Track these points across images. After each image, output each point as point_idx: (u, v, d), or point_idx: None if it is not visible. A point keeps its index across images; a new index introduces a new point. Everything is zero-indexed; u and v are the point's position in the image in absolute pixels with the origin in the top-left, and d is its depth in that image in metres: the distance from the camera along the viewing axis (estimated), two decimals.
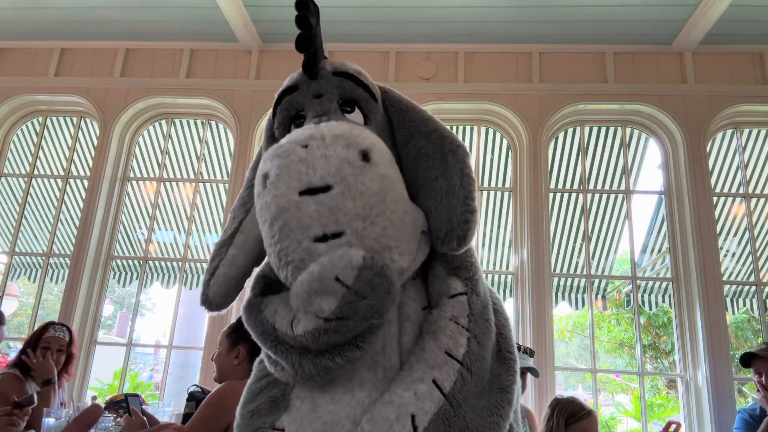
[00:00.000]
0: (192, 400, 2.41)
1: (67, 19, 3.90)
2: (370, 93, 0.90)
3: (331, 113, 0.87)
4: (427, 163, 0.84)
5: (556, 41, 3.78)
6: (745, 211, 3.83)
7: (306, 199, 0.70)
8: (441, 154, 0.83)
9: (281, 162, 0.72)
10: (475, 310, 0.82)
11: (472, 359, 0.77)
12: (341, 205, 0.70)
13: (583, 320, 11.46)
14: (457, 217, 0.77)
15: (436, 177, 0.82)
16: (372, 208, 0.71)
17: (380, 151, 0.77)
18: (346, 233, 0.70)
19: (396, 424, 0.70)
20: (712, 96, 3.66)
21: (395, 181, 0.77)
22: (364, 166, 0.72)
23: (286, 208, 0.71)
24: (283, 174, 0.71)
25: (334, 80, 0.88)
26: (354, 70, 0.91)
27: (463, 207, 0.77)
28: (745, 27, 3.54)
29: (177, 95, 4.00)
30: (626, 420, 8.59)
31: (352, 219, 0.70)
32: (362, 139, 0.75)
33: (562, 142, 3.93)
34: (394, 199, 0.74)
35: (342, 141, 0.73)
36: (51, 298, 13.05)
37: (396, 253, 0.75)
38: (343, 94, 0.89)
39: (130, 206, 4.21)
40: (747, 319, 9.12)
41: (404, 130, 0.89)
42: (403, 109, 0.91)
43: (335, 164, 0.71)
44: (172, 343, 3.96)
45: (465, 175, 0.80)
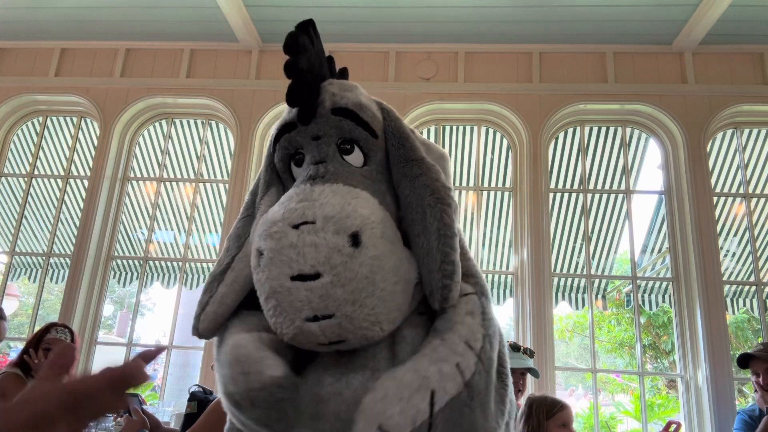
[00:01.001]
0: (193, 399, 2.41)
1: (67, 19, 3.90)
2: (370, 131, 0.89)
3: (329, 160, 0.87)
4: (412, 214, 0.84)
5: (556, 41, 3.78)
6: (745, 211, 3.83)
7: (297, 285, 0.73)
8: (421, 208, 0.83)
9: (273, 245, 0.75)
10: (486, 311, 0.83)
11: (484, 357, 0.78)
12: (330, 293, 0.72)
13: (583, 320, 11.46)
14: (435, 282, 0.78)
15: (418, 234, 0.82)
16: (361, 292, 0.73)
17: (371, 229, 0.76)
18: (336, 316, 0.73)
19: (417, 395, 0.70)
20: (712, 96, 3.66)
21: (386, 256, 0.77)
22: (353, 252, 0.74)
23: (278, 291, 0.74)
24: (275, 258, 0.74)
25: (332, 120, 0.88)
26: (354, 105, 0.89)
27: (440, 272, 0.78)
28: (745, 27, 3.55)
29: (177, 95, 4.00)
30: (626, 420, 8.60)
31: (342, 304, 0.73)
32: (353, 219, 0.75)
33: (562, 142, 3.94)
34: (384, 277, 0.76)
35: (332, 226, 0.74)
36: (51, 298, 13.05)
37: (386, 323, 0.77)
38: (342, 135, 0.89)
39: (131, 206, 4.21)
40: (747, 319, 9.12)
41: (395, 171, 0.89)
42: (396, 144, 0.90)
43: (324, 253, 0.73)
44: (173, 343, 3.96)
45: (441, 236, 0.79)
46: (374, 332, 0.76)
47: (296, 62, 0.84)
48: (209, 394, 2.50)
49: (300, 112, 0.88)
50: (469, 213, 4.02)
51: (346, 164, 0.88)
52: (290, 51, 0.84)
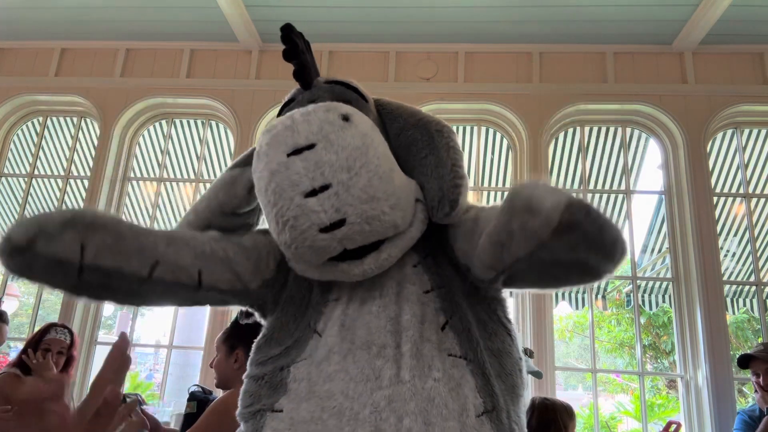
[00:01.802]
0: (193, 399, 2.41)
1: (67, 19, 3.90)
2: (360, 94, 0.98)
3: None
4: (416, 145, 0.91)
5: (556, 41, 3.78)
6: (745, 211, 3.83)
7: (293, 158, 0.76)
8: (428, 135, 0.91)
9: (270, 135, 0.79)
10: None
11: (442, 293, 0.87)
12: (325, 159, 0.75)
13: (584, 320, 11.46)
14: (446, 183, 0.84)
15: (425, 155, 0.89)
16: (355, 160, 0.76)
17: (360, 116, 0.82)
18: (332, 185, 0.74)
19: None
20: (712, 96, 3.66)
21: (377, 141, 0.81)
22: (344, 125, 0.78)
23: (276, 170, 0.77)
24: (272, 143, 0.78)
25: (325, 87, 0.97)
26: (344, 79, 0.99)
27: (451, 174, 0.84)
28: (745, 27, 3.55)
29: (177, 95, 4.00)
30: (626, 420, 8.59)
31: (337, 170, 0.75)
32: (342, 106, 0.82)
33: (562, 142, 3.94)
34: (377, 155, 0.79)
35: (323, 107, 0.80)
36: (51, 298, 13.03)
37: (386, 205, 0.78)
38: (334, 96, 0.95)
39: (131, 206, 4.21)
40: (747, 319, 9.12)
41: (395, 125, 0.97)
42: (393, 108, 0.99)
43: (317, 125, 0.77)
44: (172, 343, 3.96)
45: (451, 148, 0.87)
46: (374, 210, 0.76)
47: (295, 47, 0.93)
48: (209, 394, 2.50)
49: (299, 74, 0.96)
50: None
51: None
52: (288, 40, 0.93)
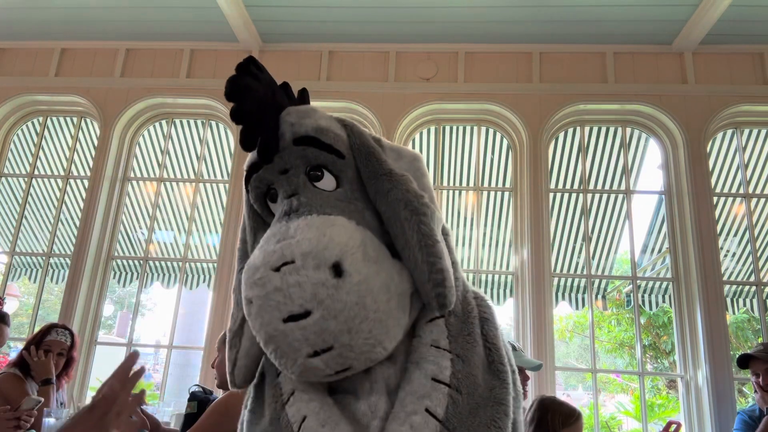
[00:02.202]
0: (193, 399, 2.41)
1: (67, 19, 3.90)
2: (335, 152, 0.89)
3: (300, 191, 0.87)
4: (393, 230, 0.84)
5: (556, 41, 3.78)
6: (746, 211, 3.83)
7: (291, 326, 0.73)
8: (399, 223, 0.83)
9: (259, 292, 0.75)
10: (453, 331, 0.84)
11: (460, 378, 0.79)
12: (324, 327, 0.73)
13: (584, 320, 11.46)
14: (428, 293, 0.79)
15: (402, 248, 0.82)
16: (354, 319, 0.74)
17: (352, 255, 0.77)
18: (335, 347, 0.74)
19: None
20: (712, 96, 3.66)
21: (372, 278, 0.77)
22: (337, 283, 0.74)
23: (274, 336, 0.75)
24: (263, 305, 0.75)
25: (296, 151, 0.88)
26: (314, 131, 0.89)
27: (430, 282, 0.78)
28: (745, 27, 3.55)
29: (177, 95, 4.00)
30: (627, 420, 8.59)
31: (338, 335, 0.73)
32: (330, 250, 0.76)
33: (562, 142, 3.93)
34: (375, 299, 0.76)
35: (311, 261, 0.74)
36: (51, 298, 13.06)
37: (387, 342, 0.78)
38: (309, 163, 0.89)
39: (131, 206, 4.21)
40: (747, 319, 9.11)
41: (369, 187, 0.89)
42: (364, 161, 0.90)
43: (309, 291, 0.73)
44: (173, 343, 3.96)
45: (423, 246, 0.79)
46: (377, 353, 0.77)
47: (240, 107, 0.85)
48: (209, 394, 2.51)
49: (260, 153, 0.88)
50: (469, 213, 4.02)
51: (318, 191, 0.87)
52: (232, 97, 0.85)
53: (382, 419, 0.78)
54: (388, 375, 0.82)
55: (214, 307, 3.60)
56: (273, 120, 0.89)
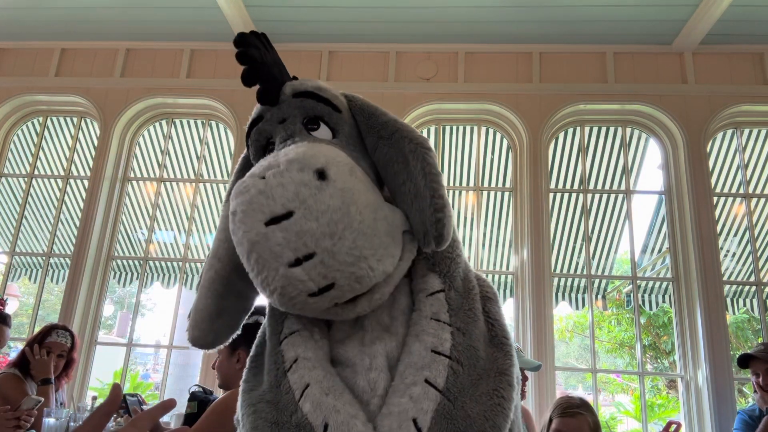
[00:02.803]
0: (194, 399, 2.41)
1: (67, 19, 3.90)
2: (332, 106, 0.91)
3: (296, 135, 0.89)
4: (393, 168, 0.85)
5: (556, 41, 3.78)
6: (746, 211, 3.83)
7: (272, 229, 0.71)
8: (403, 156, 0.84)
9: (243, 198, 0.74)
10: (453, 305, 0.84)
11: (460, 350, 0.79)
12: (306, 227, 0.71)
13: (584, 320, 11.46)
14: (428, 219, 0.78)
15: (403, 181, 0.83)
16: (337, 223, 0.72)
17: (337, 165, 0.77)
18: (317, 253, 0.71)
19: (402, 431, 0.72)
20: (712, 96, 3.66)
21: (358, 191, 0.76)
22: (321, 185, 0.73)
23: (256, 241, 0.72)
24: (247, 209, 0.73)
25: (295, 102, 0.90)
26: (313, 87, 0.92)
27: (431, 207, 0.78)
28: (745, 27, 3.55)
29: (177, 95, 4.00)
30: (627, 420, 8.60)
31: (320, 238, 0.71)
32: (316, 158, 0.76)
33: (562, 142, 3.94)
34: (360, 210, 0.74)
35: (296, 165, 0.74)
36: (51, 298, 13.06)
37: (373, 260, 0.75)
38: (306, 113, 0.90)
39: (131, 206, 4.21)
40: (747, 319, 9.12)
41: (370, 138, 0.91)
42: (366, 116, 0.92)
43: (292, 190, 0.72)
44: (173, 343, 3.96)
45: (427, 174, 0.81)
46: (362, 270, 0.74)
47: (246, 51, 0.88)
48: (209, 394, 2.50)
49: (263, 94, 0.90)
50: (469, 213, 4.02)
51: (314, 138, 0.89)
52: (239, 44, 0.87)
53: (381, 396, 0.77)
54: (389, 350, 0.81)
55: None
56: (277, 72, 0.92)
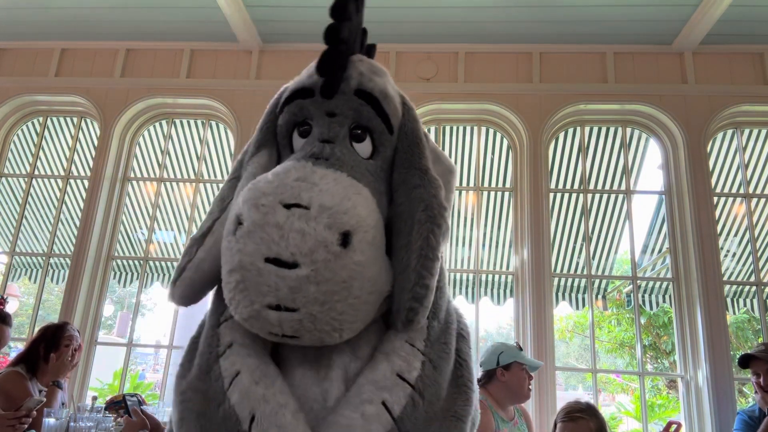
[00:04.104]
0: None
1: (67, 19, 3.90)
2: (387, 124, 0.84)
3: (338, 143, 0.81)
4: (400, 225, 0.79)
5: (556, 41, 3.78)
6: (746, 211, 3.83)
7: (270, 268, 0.67)
8: (411, 220, 0.78)
9: (257, 218, 0.68)
10: (432, 335, 0.80)
11: (426, 383, 0.75)
12: (303, 288, 0.66)
13: (584, 320, 11.46)
14: (403, 302, 0.74)
15: (401, 246, 0.77)
16: (334, 294, 0.68)
17: (364, 231, 0.71)
18: (300, 311, 0.67)
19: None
20: (713, 96, 3.66)
21: (369, 264, 0.71)
22: (339, 252, 0.67)
23: (247, 269, 0.68)
24: (255, 233, 0.68)
25: (353, 102, 0.82)
26: (380, 93, 0.83)
27: (410, 293, 0.73)
28: (745, 27, 3.54)
29: (177, 95, 4.00)
30: (627, 420, 8.59)
31: (310, 302, 0.67)
32: (349, 216, 0.69)
33: (562, 142, 3.94)
34: (362, 285, 0.70)
35: (326, 218, 0.68)
36: (51, 298, 13.06)
37: (347, 332, 0.72)
38: (358, 121, 0.83)
39: (131, 206, 4.21)
40: (747, 319, 9.12)
41: (398, 174, 0.84)
42: (406, 147, 0.85)
43: (310, 245, 0.66)
44: (173, 344, 3.96)
45: (422, 257, 0.74)
46: (332, 338, 0.72)
47: (339, 28, 0.78)
48: None
49: (325, 84, 0.82)
50: (469, 213, 4.02)
51: (353, 152, 0.82)
52: (336, 15, 0.78)
53: (332, 408, 0.73)
54: (347, 363, 0.77)
55: None
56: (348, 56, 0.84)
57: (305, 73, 0.88)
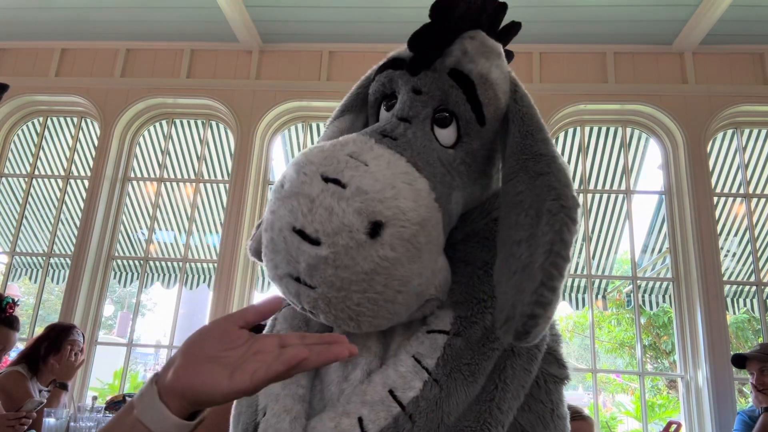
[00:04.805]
0: None
1: (67, 19, 3.90)
2: (479, 113, 0.74)
3: (415, 123, 0.74)
4: (518, 216, 0.67)
5: (556, 41, 3.78)
6: (746, 211, 3.83)
7: (295, 239, 0.63)
8: (537, 211, 0.66)
9: (295, 184, 0.65)
10: (450, 354, 0.69)
11: (422, 408, 0.65)
12: (321, 267, 0.63)
13: (584, 320, 11.46)
14: (522, 306, 0.61)
15: (519, 240, 0.66)
16: (351, 284, 0.63)
17: (400, 226, 0.63)
18: (316, 290, 0.64)
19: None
20: (713, 96, 3.65)
21: (399, 263, 0.64)
22: (364, 241, 0.62)
23: (276, 233, 0.66)
24: (289, 199, 0.65)
25: (444, 81, 0.75)
26: (478, 76, 0.74)
27: (534, 295, 0.60)
28: (746, 27, 3.54)
29: (177, 95, 4.00)
30: (627, 420, 8.59)
31: (326, 284, 0.63)
32: (385, 206, 0.62)
33: (562, 142, 3.94)
34: (386, 282, 0.64)
35: (359, 201, 0.62)
36: (51, 298, 13.05)
37: (366, 325, 0.67)
38: (446, 102, 0.75)
39: (131, 206, 4.21)
40: (747, 319, 9.12)
41: (511, 162, 0.73)
42: (525, 133, 0.74)
43: (334, 226, 0.61)
44: (173, 344, 3.96)
45: (553, 253, 0.62)
46: (348, 326, 0.67)
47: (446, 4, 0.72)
48: None
49: (413, 59, 0.76)
50: None
51: (429, 137, 0.74)
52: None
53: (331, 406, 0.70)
54: (373, 367, 0.73)
55: (214, 307, 3.60)
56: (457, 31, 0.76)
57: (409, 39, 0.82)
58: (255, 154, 3.84)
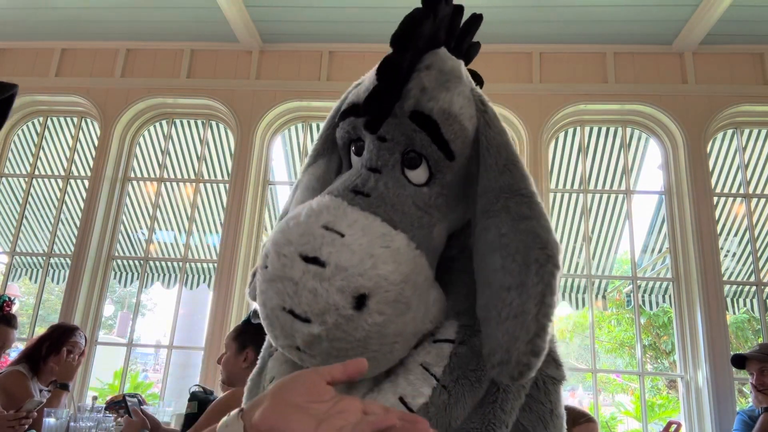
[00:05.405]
0: (194, 399, 2.41)
1: (68, 19, 3.90)
2: (446, 151, 0.74)
3: (386, 171, 0.75)
4: (504, 260, 0.69)
5: (556, 41, 3.78)
6: (746, 211, 3.83)
7: (287, 317, 0.66)
8: (524, 258, 0.67)
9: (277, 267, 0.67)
10: (456, 362, 0.72)
11: (431, 413, 0.68)
12: (315, 342, 0.66)
13: (584, 320, 11.46)
14: (518, 355, 0.63)
15: (509, 287, 0.67)
16: (348, 351, 0.65)
17: (386, 291, 0.65)
18: (317, 358, 0.67)
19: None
20: (713, 96, 3.66)
21: (389, 322, 0.66)
22: (352, 315, 0.64)
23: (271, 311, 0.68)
24: (274, 282, 0.67)
25: (406, 126, 0.74)
26: (440, 113, 0.73)
27: (528, 345, 0.63)
28: (746, 27, 3.55)
29: (177, 95, 4.00)
30: (627, 420, 8.59)
31: (325, 354, 0.67)
32: (366, 279, 0.64)
33: (562, 142, 3.94)
34: (381, 341, 0.66)
35: (340, 279, 0.64)
36: (52, 298, 13.05)
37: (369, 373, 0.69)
38: (412, 146, 0.75)
39: (131, 206, 4.21)
40: (747, 319, 9.12)
41: (491, 197, 0.73)
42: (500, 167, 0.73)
43: (320, 306, 0.64)
44: (173, 344, 3.96)
45: (544, 305, 0.64)
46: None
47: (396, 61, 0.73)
48: (209, 394, 2.50)
49: (369, 121, 0.75)
50: None
51: (402, 183, 0.75)
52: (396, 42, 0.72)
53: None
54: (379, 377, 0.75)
55: (214, 307, 3.60)
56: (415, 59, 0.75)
57: (368, 81, 0.80)
58: (255, 154, 3.85)
